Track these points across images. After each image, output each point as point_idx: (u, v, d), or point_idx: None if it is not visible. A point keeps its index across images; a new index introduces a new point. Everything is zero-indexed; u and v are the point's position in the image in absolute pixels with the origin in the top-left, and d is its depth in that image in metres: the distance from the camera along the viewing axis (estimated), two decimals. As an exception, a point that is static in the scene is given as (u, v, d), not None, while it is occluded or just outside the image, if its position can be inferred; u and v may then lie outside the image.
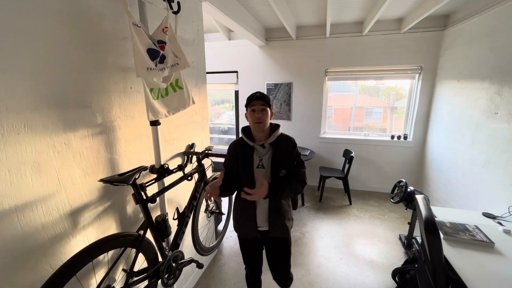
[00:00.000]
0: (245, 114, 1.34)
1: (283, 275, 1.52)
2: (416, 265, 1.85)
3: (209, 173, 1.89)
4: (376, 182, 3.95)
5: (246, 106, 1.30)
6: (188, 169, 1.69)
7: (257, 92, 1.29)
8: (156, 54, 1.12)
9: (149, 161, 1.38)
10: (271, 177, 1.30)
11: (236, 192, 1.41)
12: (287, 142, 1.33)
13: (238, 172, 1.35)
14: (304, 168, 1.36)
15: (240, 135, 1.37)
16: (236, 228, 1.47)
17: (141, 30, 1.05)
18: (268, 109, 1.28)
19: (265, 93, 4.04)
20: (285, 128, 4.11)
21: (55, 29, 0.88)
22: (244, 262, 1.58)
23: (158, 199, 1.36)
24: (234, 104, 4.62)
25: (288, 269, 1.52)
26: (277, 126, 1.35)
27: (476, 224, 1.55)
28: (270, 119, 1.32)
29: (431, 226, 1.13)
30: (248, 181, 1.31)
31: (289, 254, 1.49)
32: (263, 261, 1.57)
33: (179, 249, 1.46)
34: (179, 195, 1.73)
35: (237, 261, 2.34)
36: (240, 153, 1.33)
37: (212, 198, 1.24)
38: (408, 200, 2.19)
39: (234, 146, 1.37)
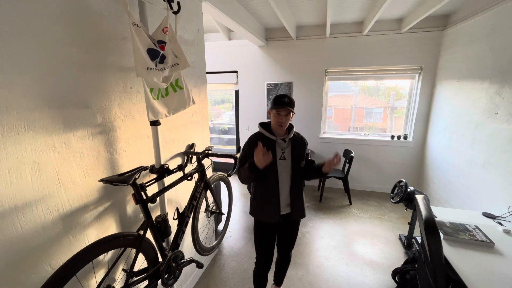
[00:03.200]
0: (268, 111, 1.50)
1: (288, 254, 1.74)
2: (416, 265, 1.85)
3: (209, 173, 1.89)
4: (376, 182, 3.95)
5: (272, 105, 1.43)
6: (188, 169, 1.69)
7: (285, 97, 1.39)
8: (156, 54, 1.12)
9: (149, 161, 1.38)
10: (292, 167, 1.48)
11: (257, 182, 1.52)
12: (301, 139, 1.55)
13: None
14: None
15: (259, 130, 1.51)
16: (258, 213, 1.54)
17: (141, 30, 1.05)
18: (292, 113, 1.43)
19: (265, 93, 4.11)
20: (285, 128, 4.12)
21: (55, 29, 0.88)
22: (256, 251, 1.64)
23: (158, 199, 1.36)
24: (234, 104, 4.62)
25: (294, 244, 1.73)
26: (291, 125, 1.52)
27: (476, 224, 1.55)
28: (291, 119, 1.48)
29: (431, 226, 1.13)
30: (272, 171, 1.44)
31: (297, 232, 1.69)
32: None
33: (179, 249, 1.46)
34: (179, 195, 1.73)
35: (237, 261, 2.34)
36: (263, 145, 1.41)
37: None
38: (408, 200, 2.19)
39: (256, 140, 1.45)
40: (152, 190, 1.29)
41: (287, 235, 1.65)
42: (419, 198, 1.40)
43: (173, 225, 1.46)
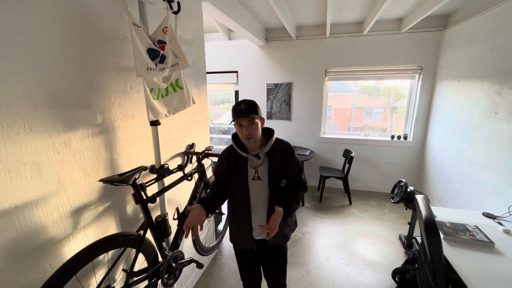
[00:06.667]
0: (234, 125, 1.16)
1: (279, 283, 1.43)
2: (416, 265, 1.85)
3: (209, 173, 1.89)
4: (376, 182, 3.95)
5: (232, 117, 1.15)
6: (188, 169, 1.69)
7: (241, 104, 1.10)
8: (156, 54, 1.12)
9: (149, 161, 1.38)
10: (269, 188, 1.20)
11: (229, 202, 1.32)
12: (283, 148, 1.21)
13: (230, 183, 1.23)
14: (304, 174, 1.28)
15: (231, 143, 1.24)
16: (231, 238, 1.37)
17: (141, 30, 1.05)
18: (257, 120, 1.12)
19: (265, 93, 4.10)
20: (285, 128, 4.13)
21: (55, 29, 0.88)
22: (241, 277, 1.47)
23: (158, 199, 1.36)
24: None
25: (284, 276, 1.44)
26: (271, 132, 1.22)
27: (476, 224, 1.55)
28: (262, 126, 1.19)
29: (431, 226, 1.13)
30: (242, 193, 1.21)
31: (286, 261, 1.41)
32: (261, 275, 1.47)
33: (179, 249, 1.46)
34: (179, 195, 1.73)
35: (237, 261, 2.34)
36: (233, 163, 1.21)
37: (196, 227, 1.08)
38: (408, 200, 2.19)
39: (226, 156, 1.24)
40: (152, 190, 1.29)
41: (270, 264, 1.38)
42: (419, 198, 1.40)
43: (173, 225, 1.46)
